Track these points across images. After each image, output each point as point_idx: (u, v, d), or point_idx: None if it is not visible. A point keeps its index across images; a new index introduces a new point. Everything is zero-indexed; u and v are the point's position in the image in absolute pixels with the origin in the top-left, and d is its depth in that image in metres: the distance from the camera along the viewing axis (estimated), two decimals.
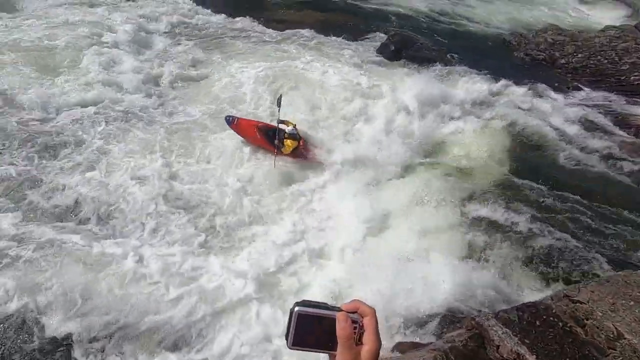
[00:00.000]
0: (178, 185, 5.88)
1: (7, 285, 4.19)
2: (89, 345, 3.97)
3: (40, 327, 3.98)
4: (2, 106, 6.65)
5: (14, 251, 4.56)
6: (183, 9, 11.36)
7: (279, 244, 5.23)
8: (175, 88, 8.22)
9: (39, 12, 9.94)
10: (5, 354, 3.81)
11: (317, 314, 0.79)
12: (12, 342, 3.91)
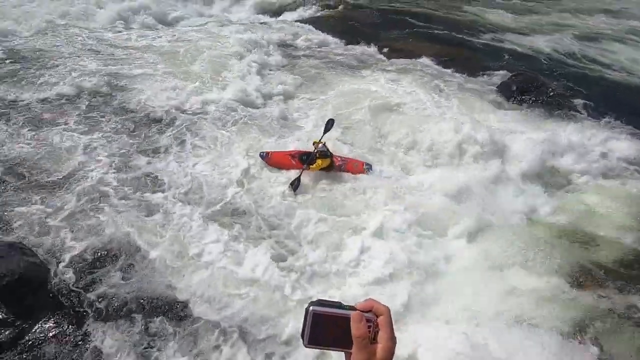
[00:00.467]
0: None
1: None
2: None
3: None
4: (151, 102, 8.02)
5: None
6: (299, 33, 12.21)
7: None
8: (287, 103, 8.84)
9: (187, 29, 11.85)
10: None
11: (331, 313, 0.81)
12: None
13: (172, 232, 5.41)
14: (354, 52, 11.37)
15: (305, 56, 11.05)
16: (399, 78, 9.79)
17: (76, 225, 5.35)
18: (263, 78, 9.42)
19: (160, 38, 10.88)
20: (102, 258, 5.04)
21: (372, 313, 0.81)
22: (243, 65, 9.53)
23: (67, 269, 4.85)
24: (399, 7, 15.26)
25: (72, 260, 4.96)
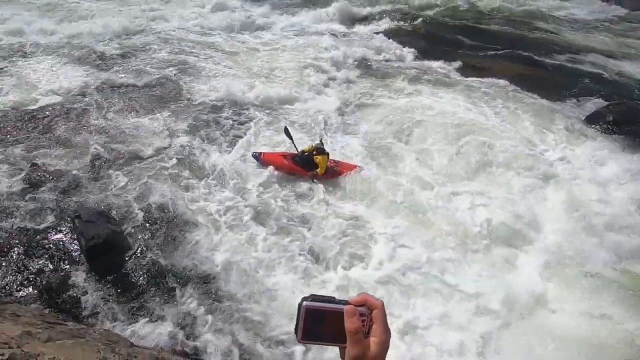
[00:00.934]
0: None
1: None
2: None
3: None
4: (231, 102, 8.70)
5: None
6: (375, 45, 12.28)
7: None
8: (352, 112, 8.94)
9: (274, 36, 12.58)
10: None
11: (325, 308, 0.80)
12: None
13: (225, 219, 5.87)
14: (428, 66, 11.14)
15: (378, 68, 11.11)
16: (473, 96, 9.36)
17: (149, 201, 6.04)
18: (334, 86, 9.70)
19: (245, 43, 11.84)
20: (166, 232, 5.64)
21: (366, 307, 0.80)
22: (317, 74, 9.94)
23: (138, 239, 5.48)
24: (474, 24, 14.62)
25: (143, 231, 5.62)
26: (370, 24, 14.47)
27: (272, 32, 13.12)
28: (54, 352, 2.33)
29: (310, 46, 11.62)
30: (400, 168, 7.15)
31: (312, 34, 12.94)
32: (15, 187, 5.95)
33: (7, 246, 5.14)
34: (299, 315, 0.78)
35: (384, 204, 6.32)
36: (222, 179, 6.61)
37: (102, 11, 13.10)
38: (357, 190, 6.47)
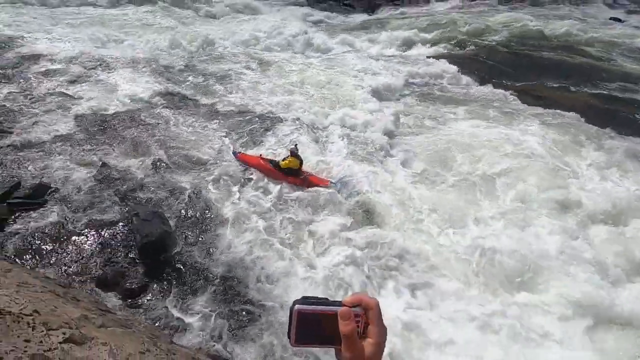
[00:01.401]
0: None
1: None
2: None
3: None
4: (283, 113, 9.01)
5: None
6: (430, 69, 12.15)
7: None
8: (401, 135, 8.86)
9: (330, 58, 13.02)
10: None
11: (317, 311, 0.77)
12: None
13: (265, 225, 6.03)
14: (485, 92, 10.81)
15: (431, 92, 10.99)
16: (533, 127, 8.88)
17: (198, 205, 6.37)
18: (385, 109, 9.72)
19: (301, 64, 12.33)
20: (210, 236, 5.92)
21: (361, 307, 0.78)
22: (367, 96, 10.03)
23: (185, 241, 5.78)
24: (536, 51, 13.98)
25: (190, 234, 5.92)
26: (425, 48, 14.44)
27: (328, 55, 13.57)
28: (106, 338, 2.52)
29: (363, 69, 11.81)
30: (445, 194, 6.93)
31: (365, 57, 13.17)
32: (87, 183, 6.60)
33: (73, 235, 5.67)
34: (291, 319, 0.76)
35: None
36: (265, 188, 6.89)
37: (171, 29, 14.39)
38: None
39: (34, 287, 3.03)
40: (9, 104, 8.50)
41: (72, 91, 9.38)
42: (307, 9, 18.92)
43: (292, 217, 6.36)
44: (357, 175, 7.20)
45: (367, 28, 16.62)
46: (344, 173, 7.25)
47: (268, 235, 5.98)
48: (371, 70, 11.61)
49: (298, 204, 6.60)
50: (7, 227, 5.58)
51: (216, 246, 5.80)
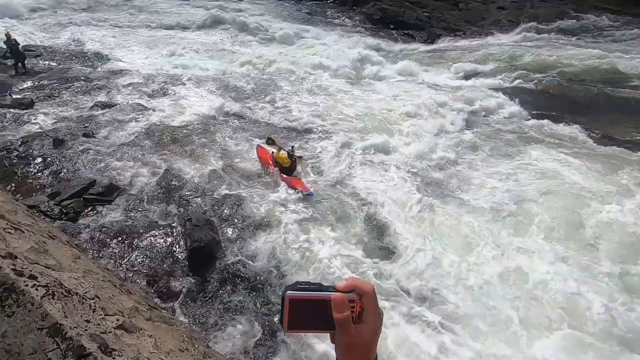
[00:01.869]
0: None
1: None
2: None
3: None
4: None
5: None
6: (489, 100, 11.74)
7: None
8: (455, 168, 8.57)
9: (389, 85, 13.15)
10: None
11: (310, 297, 0.75)
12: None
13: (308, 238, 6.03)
14: (551, 129, 10.16)
15: (490, 124, 10.59)
16: (610, 170, 8.15)
17: (246, 217, 6.62)
18: (439, 139, 9.55)
19: (361, 90, 12.63)
20: (255, 248, 6.08)
21: (355, 292, 0.75)
22: (423, 124, 9.99)
23: (231, 249, 6.03)
24: (610, 88, 12.82)
25: (236, 244, 6.16)
26: (484, 80, 14.04)
27: (384, 82, 13.74)
28: (152, 331, 2.69)
29: (418, 96, 11.77)
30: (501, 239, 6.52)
31: (422, 85, 13.13)
32: (150, 186, 7.21)
33: (133, 233, 6.17)
34: (283, 307, 0.74)
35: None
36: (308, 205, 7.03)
37: (243, 54, 15.50)
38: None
39: (96, 275, 3.33)
40: (96, 112, 9.66)
41: (147, 103, 10.42)
42: (365, 37, 19.46)
43: (331, 234, 6.38)
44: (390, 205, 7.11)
45: (425, 57, 16.61)
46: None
47: (309, 254, 6.04)
48: (427, 98, 11.51)
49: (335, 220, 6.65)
50: (81, 219, 6.24)
51: (258, 258, 5.96)
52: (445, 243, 6.40)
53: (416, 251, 6.19)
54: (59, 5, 19.55)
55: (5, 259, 2.05)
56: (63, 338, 1.77)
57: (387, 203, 7.27)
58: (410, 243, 6.34)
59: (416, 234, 6.54)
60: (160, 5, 21.67)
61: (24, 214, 3.96)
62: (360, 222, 6.83)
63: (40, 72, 11.87)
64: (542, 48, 16.64)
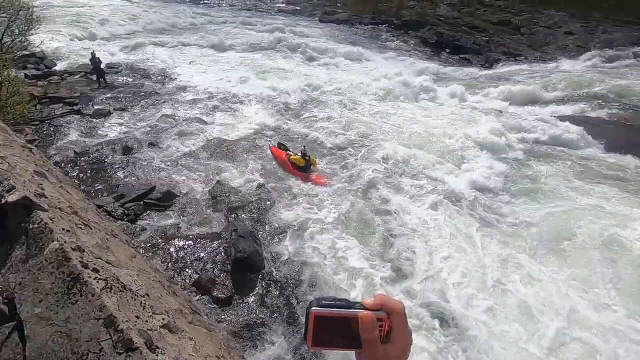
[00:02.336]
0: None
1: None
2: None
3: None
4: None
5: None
6: (552, 129, 11.00)
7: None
8: (507, 198, 8.08)
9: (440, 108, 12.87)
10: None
11: (336, 314, 0.71)
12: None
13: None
14: (620, 163, 9.23)
15: (551, 154, 9.89)
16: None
17: (289, 232, 6.69)
18: (495, 164, 9.10)
19: (408, 110, 12.51)
20: (294, 265, 6.07)
21: (384, 311, 0.71)
22: (479, 150, 9.63)
23: (271, 263, 6.11)
24: None
25: (279, 258, 6.23)
26: (548, 107, 13.22)
27: (438, 104, 13.49)
28: (193, 334, 2.79)
29: (473, 121, 11.38)
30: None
31: (478, 110, 12.67)
32: (203, 195, 7.63)
33: (184, 239, 6.53)
34: (307, 322, 0.71)
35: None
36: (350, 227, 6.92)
37: (298, 74, 16.14)
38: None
39: (148, 275, 3.55)
40: (161, 124, 10.53)
41: (206, 118, 11.16)
42: (419, 60, 19.38)
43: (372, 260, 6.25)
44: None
45: (482, 82, 16.08)
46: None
47: (343, 269, 5.96)
48: (480, 124, 11.08)
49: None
50: (140, 221, 6.74)
51: (296, 272, 5.99)
52: (483, 278, 5.97)
53: (448, 274, 5.90)
54: (139, 30, 21.92)
55: (75, 251, 2.27)
56: (115, 330, 1.90)
57: (426, 227, 7.01)
58: (443, 267, 6.05)
59: (452, 260, 6.23)
60: (226, 29, 23.40)
61: (93, 212, 4.38)
62: (393, 241, 6.63)
63: (118, 86, 13.27)
64: (615, 75, 15.38)
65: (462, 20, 26.87)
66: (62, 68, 14.40)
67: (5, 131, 4.43)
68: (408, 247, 6.60)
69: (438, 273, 6.06)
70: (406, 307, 0.74)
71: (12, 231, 2.43)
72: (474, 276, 6.01)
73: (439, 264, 6.21)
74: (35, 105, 10.61)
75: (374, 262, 6.24)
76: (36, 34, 13.20)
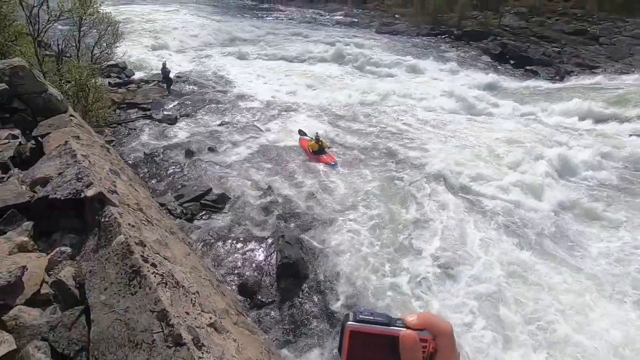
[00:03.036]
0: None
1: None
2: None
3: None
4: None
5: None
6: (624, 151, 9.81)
7: None
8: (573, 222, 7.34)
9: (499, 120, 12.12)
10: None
11: (374, 331, 0.65)
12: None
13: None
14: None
15: (629, 177, 8.82)
16: None
17: (334, 245, 6.64)
18: (558, 186, 8.32)
19: (472, 124, 11.97)
20: (338, 277, 5.99)
21: (428, 331, 0.64)
22: (545, 168, 8.90)
23: (316, 272, 6.10)
24: None
25: (324, 268, 6.20)
26: (626, 125, 11.85)
27: (502, 120, 12.75)
28: (236, 336, 2.86)
29: (542, 139, 10.55)
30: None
31: (547, 127, 11.75)
32: (255, 200, 7.91)
33: (234, 241, 6.79)
34: (342, 336, 0.66)
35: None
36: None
37: (353, 85, 16.24)
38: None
39: (199, 273, 3.74)
40: (221, 130, 11.16)
41: (262, 126, 11.62)
42: (481, 71, 18.47)
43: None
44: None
45: (551, 96, 14.90)
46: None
47: (387, 282, 5.77)
48: (547, 140, 10.24)
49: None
50: (196, 221, 7.15)
51: (343, 284, 5.92)
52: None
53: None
54: (206, 42, 23.59)
55: (138, 245, 2.46)
56: (167, 324, 2.01)
57: (482, 248, 6.56)
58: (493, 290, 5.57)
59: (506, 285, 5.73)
60: (285, 41, 24.33)
61: (155, 210, 4.73)
62: (441, 258, 6.29)
63: (185, 94, 14.35)
64: None
65: (531, 30, 25.28)
66: (139, 77, 15.93)
67: (89, 132, 4.97)
68: (453, 263, 6.24)
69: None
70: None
71: (88, 223, 2.71)
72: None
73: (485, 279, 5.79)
74: (115, 109, 11.82)
75: (425, 288, 5.96)
76: (119, 46, 14.80)
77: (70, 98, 8.99)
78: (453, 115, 12.99)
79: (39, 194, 2.87)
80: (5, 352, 1.69)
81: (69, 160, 3.24)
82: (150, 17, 26.81)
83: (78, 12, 10.55)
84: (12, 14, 9.78)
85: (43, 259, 2.42)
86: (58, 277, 2.26)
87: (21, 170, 3.41)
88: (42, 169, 3.20)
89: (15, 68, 4.38)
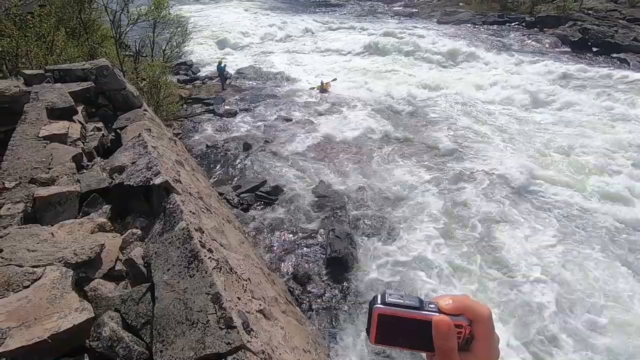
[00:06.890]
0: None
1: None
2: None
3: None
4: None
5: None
6: None
7: None
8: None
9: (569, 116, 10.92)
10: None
11: (405, 315, 0.61)
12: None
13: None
14: None
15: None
16: None
17: (385, 238, 6.53)
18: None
19: (536, 121, 10.97)
20: (387, 270, 5.90)
21: (465, 317, 0.59)
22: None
23: (365, 266, 6.09)
24: None
25: (371, 262, 6.15)
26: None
27: (582, 115, 11.51)
28: (284, 324, 2.97)
29: (630, 141, 9.34)
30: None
31: (633, 121, 10.36)
32: (307, 193, 8.06)
33: (286, 232, 7.00)
34: (371, 318, 0.63)
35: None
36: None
37: (410, 77, 15.71)
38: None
39: (252, 261, 3.92)
40: (277, 123, 11.50)
41: (316, 120, 11.74)
42: (556, 61, 16.71)
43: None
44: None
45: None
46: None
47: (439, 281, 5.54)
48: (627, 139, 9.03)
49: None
50: (251, 211, 7.49)
51: (392, 280, 5.84)
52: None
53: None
54: (264, 38, 24.32)
55: (197, 232, 2.64)
56: (220, 307, 2.14)
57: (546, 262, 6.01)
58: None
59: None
60: (341, 34, 24.19)
61: (214, 198, 5.04)
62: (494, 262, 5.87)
63: (244, 89, 14.99)
64: None
65: (620, 13, 22.31)
66: (204, 74, 16.95)
67: (160, 126, 5.43)
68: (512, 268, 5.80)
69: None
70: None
71: (156, 208, 2.97)
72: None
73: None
74: (182, 104, 12.75)
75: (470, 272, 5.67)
76: (187, 46, 15.87)
77: (144, 94, 9.88)
78: (521, 109, 12.00)
79: (116, 180, 3.21)
80: (85, 319, 1.92)
81: (141, 151, 3.57)
82: (214, 18, 28.31)
83: (153, 15, 11.51)
84: (99, 19, 10.98)
85: (118, 239, 2.71)
86: (129, 255, 2.52)
87: (103, 158, 3.84)
88: (120, 158, 3.57)
89: (101, 68, 4.92)
